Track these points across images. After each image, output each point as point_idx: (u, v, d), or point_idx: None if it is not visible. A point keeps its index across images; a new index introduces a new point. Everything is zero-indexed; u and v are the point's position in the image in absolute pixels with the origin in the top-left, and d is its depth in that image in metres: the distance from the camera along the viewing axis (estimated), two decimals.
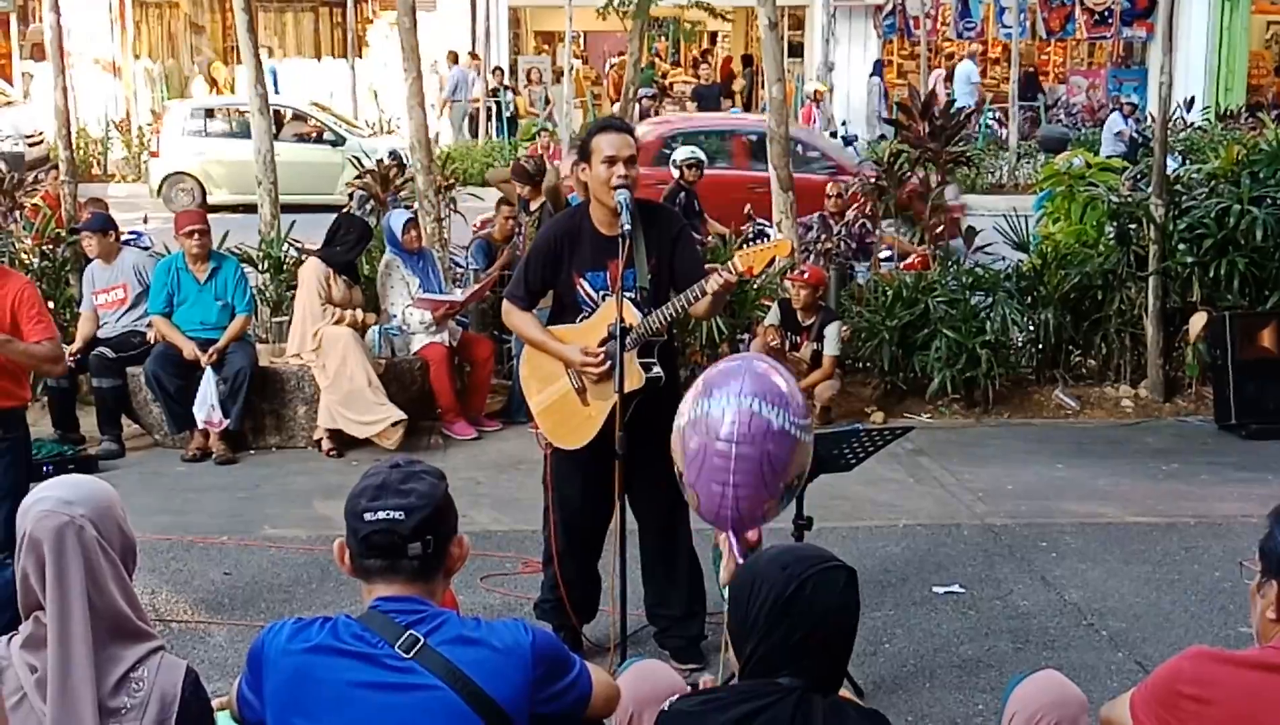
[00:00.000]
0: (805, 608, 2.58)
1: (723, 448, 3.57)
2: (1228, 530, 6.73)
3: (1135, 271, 9.25)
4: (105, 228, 8.74)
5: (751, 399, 3.59)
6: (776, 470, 3.60)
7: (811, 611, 2.58)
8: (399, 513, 2.70)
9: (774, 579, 2.62)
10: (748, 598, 2.64)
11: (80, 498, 2.62)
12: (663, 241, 4.93)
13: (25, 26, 25.41)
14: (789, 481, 3.67)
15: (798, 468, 3.67)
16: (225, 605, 5.86)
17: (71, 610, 2.52)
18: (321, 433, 8.20)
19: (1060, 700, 2.97)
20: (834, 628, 2.62)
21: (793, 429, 3.60)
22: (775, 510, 3.74)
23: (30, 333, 5.14)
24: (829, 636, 2.62)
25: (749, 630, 2.63)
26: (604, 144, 4.79)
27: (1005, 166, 20.61)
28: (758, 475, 3.59)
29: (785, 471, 3.62)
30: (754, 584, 2.65)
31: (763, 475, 3.60)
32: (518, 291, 5.07)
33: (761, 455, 3.57)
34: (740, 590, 2.69)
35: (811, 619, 2.58)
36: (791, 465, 3.63)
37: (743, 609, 2.65)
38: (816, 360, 8.80)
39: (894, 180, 10.49)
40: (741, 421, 3.57)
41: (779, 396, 3.60)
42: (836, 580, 2.63)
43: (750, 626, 2.63)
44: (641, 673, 3.06)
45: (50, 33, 10.18)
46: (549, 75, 25.01)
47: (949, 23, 26.25)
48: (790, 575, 2.60)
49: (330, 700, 2.66)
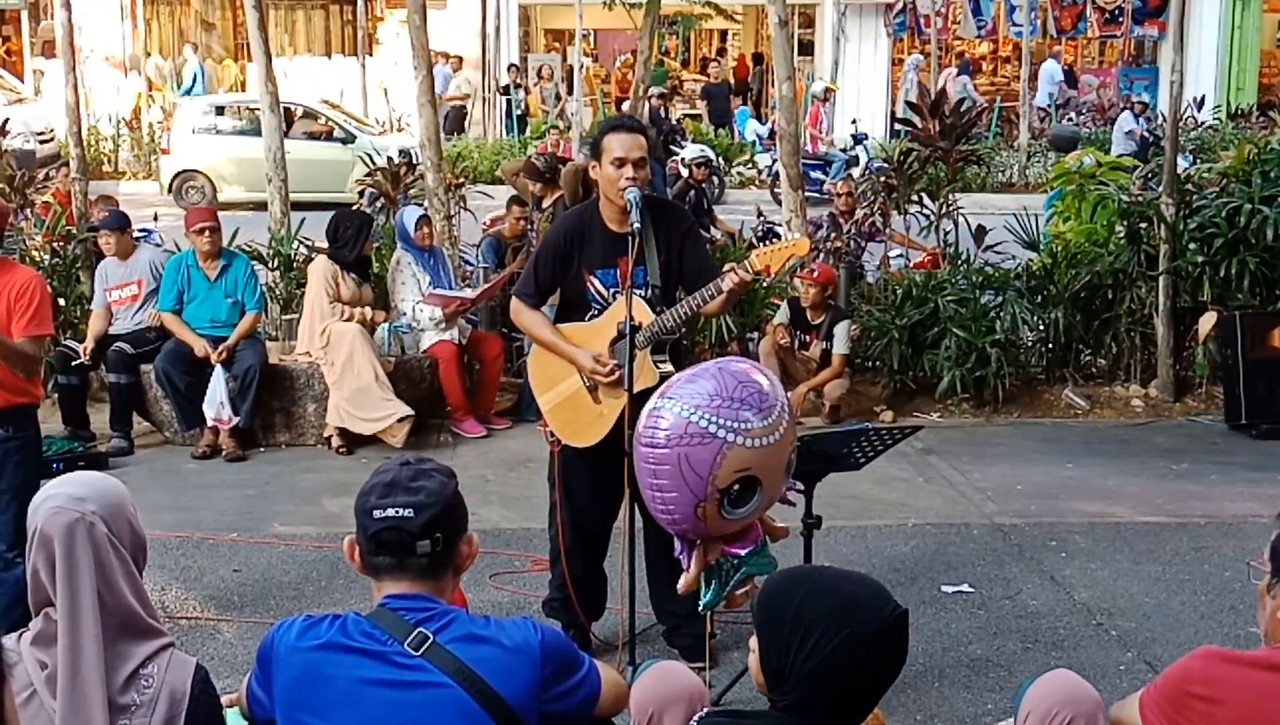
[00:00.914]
0: (862, 674, 2.45)
1: (644, 451, 3.69)
2: (1238, 530, 6.72)
3: (1146, 271, 9.23)
4: (123, 225, 8.77)
5: (682, 402, 3.64)
6: (699, 474, 3.61)
7: (868, 675, 2.46)
8: (408, 510, 2.70)
9: (836, 637, 2.43)
10: (798, 643, 2.45)
11: (91, 494, 2.62)
12: (673, 238, 4.94)
13: (36, 23, 25.43)
14: (723, 485, 3.63)
15: (731, 472, 3.62)
16: (234, 602, 5.87)
17: (82, 607, 2.53)
18: (331, 430, 8.21)
19: (1075, 697, 2.95)
20: (883, 680, 2.51)
21: (721, 432, 3.59)
22: (718, 515, 3.71)
23: (16, 327, 4.89)
24: (877, 688, 2.50)
25: (791, 673, 2.47)
26: (614, 144, 4.80)
27: (1015, 165, 20.58)
28: (677, 477, 3.63)
29: (711, 473, 3.60)
30: (807, 631, 2.45)
31: (683, 476, 3.63)
32: (527, 289, 5.07)
33: (678, 457, 3.61)
34: (785, 627, 2.49)
35: (865, 680, 2.46)
36: (719, 468, 3.60)
37: (788, 650, 2.47)
38: (826, 359, 8.80)
39: (905, 179, 10.48)
40: (661, 424, 3.64)
41: (721, 399, 3.60)
42: (898, 638, 2.48)
43: (794, 670, 2.46)
44: (661, 674, 3.05)
45: (61, 30, 10.20)
46: (559, 73, 25.00)
47: (959, 21, 26.20)
48: (855, 643, 2.42)
49: (339, 697, 2.66)
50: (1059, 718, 2.91)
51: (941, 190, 10.42)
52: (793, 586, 2.56)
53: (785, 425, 3.69)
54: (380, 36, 26.45)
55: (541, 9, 27.35)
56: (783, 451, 3.72)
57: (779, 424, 3.66)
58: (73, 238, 9.76)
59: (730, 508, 3.72)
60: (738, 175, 20.48)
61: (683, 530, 3.85)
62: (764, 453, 3.65)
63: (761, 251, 4.78)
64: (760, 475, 3.69)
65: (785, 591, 2.56)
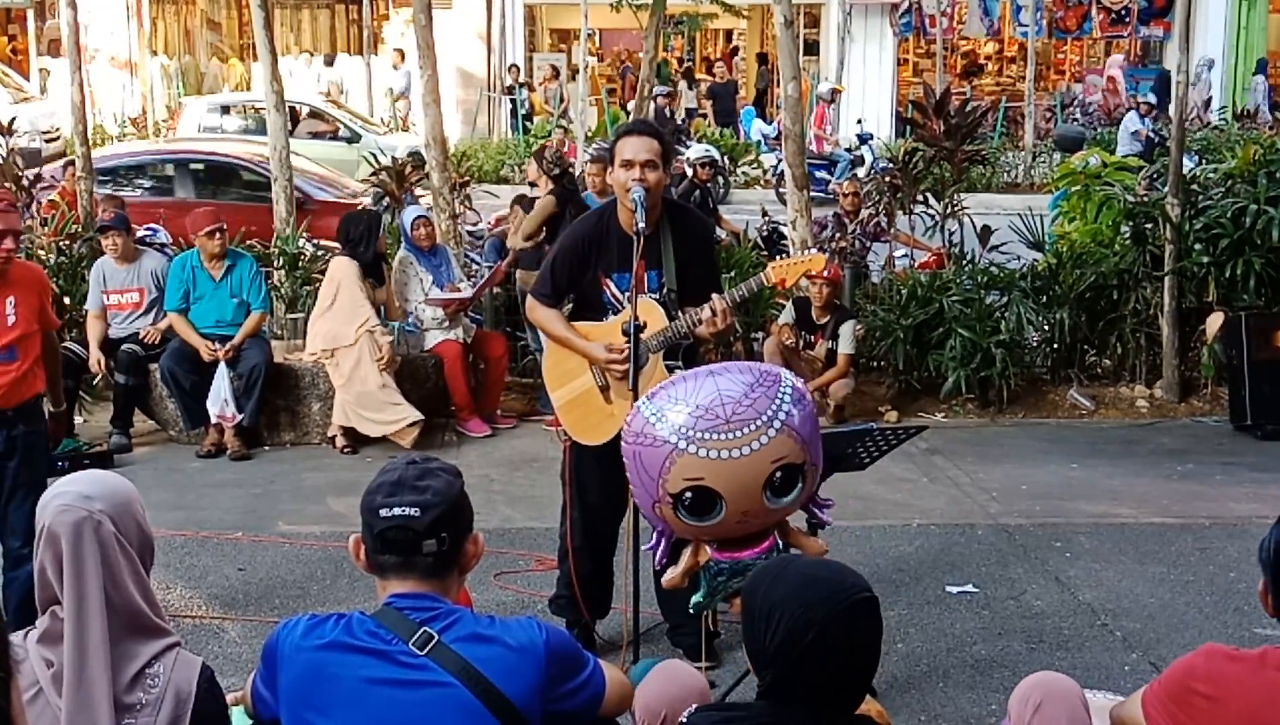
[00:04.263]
0: (824, 651, 2.45)
1: (621, 444, 3.81)
2: (1242, 531, 6.71)
3: (1151, 271, 9.22)
4: (130, 227, 8.77)
5: (655, 403, 3.67)
6: (650, 473, 3.63)
7: (831, 653, 2.46)
8: (414, 509, 2.70)
9: (792, 616, 2.46)
10: (764, 626, 2.50)
11: (100, 493, 2.62)
12: (690, 247, 4.95)
13: (42, 22, 25.48)
14: (674, 490, 3.62)
15: (680, 478, 3.60)
16: (239, 601, 5.88)
17: (88, 605, 2.53)
18: (336, 429, 8.22)
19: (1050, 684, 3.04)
20: (854, 663, 2.51)
21: (674, 437, 3.58)
22: (675, 518, 3.70)
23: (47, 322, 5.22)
24: (849, 670, 2.51)
25: (763, 658, 2.52)
26: (624, 147, 4.83)
27: (1021, 165, 20.56)
28: (634, 473, 3.71)
29: (661, 477, 3.61)
30: (770, 614, 2.49)
31: (638, 473, 3.69)
32: (544, 290, 5.08)
33: (634, 454, 3.68)
34: (755, 613, 2.54)
35: (831, 660, 2.46)
36: (668, 473, 3.60)
37: (758, 635, 2.52)
38: (831, 359, 8.80)
39: (910, 179, 10.48)
40: (633, 420, 3.72)
41: (688, 406, 3.60)
42: (857, 617, 2.48)
43: (764, 655, 2.51)
44: (669, 673, 3.05)
45: (67, 29, 10.23)
46: (564, 73, 25.01)
47: (964, 21, 26.18)
48: (810, 620, 2.44)
49: (344, 696, 2.67)
50: (1031, 701, 2.98)
51: (946, 190, 10.41)
52: (764, 574, 2.62)
53: (763, 442, 3.59)
54: (385, 36, 26.47)
55: (547, 9, 27.34)
56: (752, 468, 3.61)
57: (751, 440, 3.58)
58: (78, 237, 9.76)
59: (686, 514, 3.69)
60: (743, 175, 20.49)
61: (661, 527, 3.88)
62: (721, 465, 3.59)
63: (777, 265, 4.81)
64: (719, 488, 3.63)
65: (758, 579, 2.62)
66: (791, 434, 3.64)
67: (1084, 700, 3.01)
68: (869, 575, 2.73)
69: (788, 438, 3.64)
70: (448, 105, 18.16)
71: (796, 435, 3.66)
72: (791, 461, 3.68)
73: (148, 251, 8.93)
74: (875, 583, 2.71)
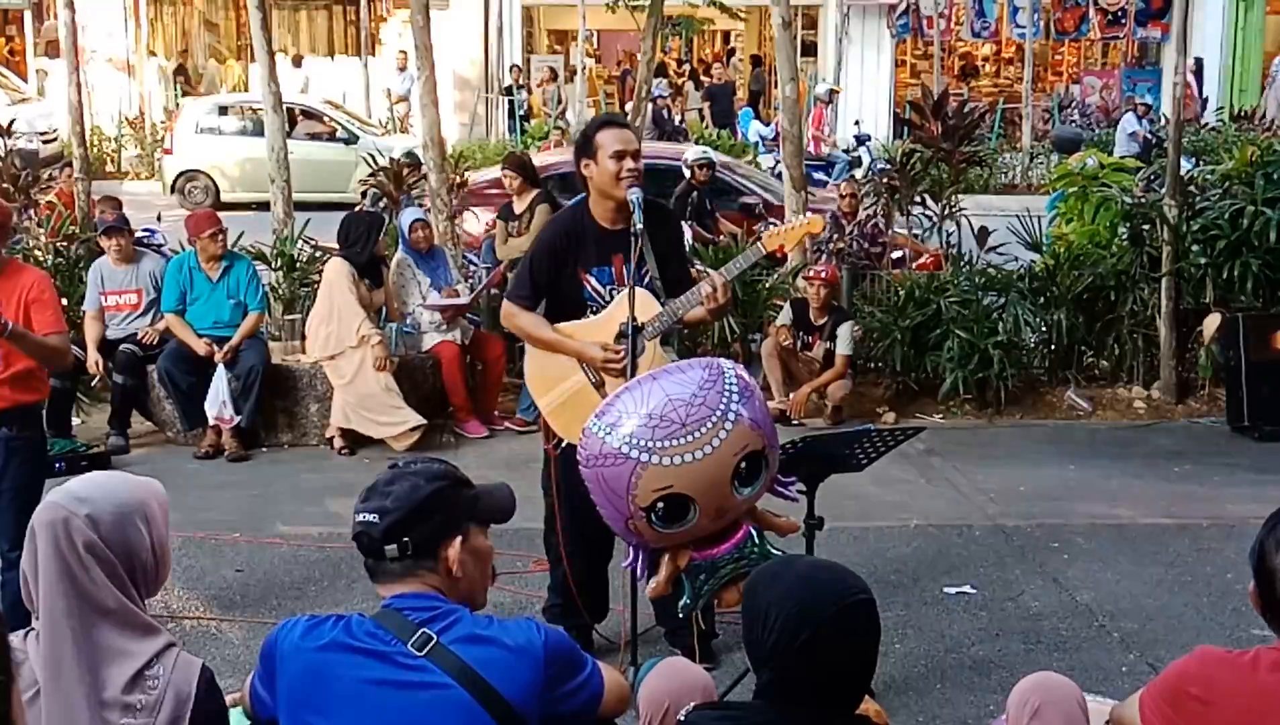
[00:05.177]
0: (820, 651, 2.45)
1: (580, 469, 3.73)
2: (1240, 532, 6.70)
3: (1148, 272, 9.23)
4: (130, 229, 8.76)
5: (603, 421, 3.62)
6: (618, 493, 3.59)
7: (828, 653, 2.46)
8: (374, 515, 2.72)
9: (788, 616, 2.46)
10: (762, 625, 2.50)
11: (99, 496, 2.59)
12: (665, 237, 4.98)
13: (40, 23, 25.46)
14: (644, 504, 3.60)
15: (650, 491, 3.58)
16: (237, 603, 5.88)
17: (53, 604, 2.52)
18: (334, 431, 8.22)
19: (1049, 686, 3.05)
20: (852, 664, 2.51)
21: (635, 452, 3.55)
22: (651, 530, 3.68)
23: (40, 325, 5.01)
24: (846, 671, 2.51)
25: (760, 656, 2.53)
26: (610, 139, 4.81)
27: (1018, 167, 20.56)
28: (601, 496, 3.67)
29: (630, 493, 3.58)
30: (767, 613, 2.50)
31: (605, 495, 3.64)
32: (523, 291, 5.02)
33: (596, 477, 3.63)
34: (753, 612, 2.54)
35: (828, 660, 2.46)
36: (636, 488, 3.57)
37: (756, 634, 2.52)
38: (829, 360, 8.81)
39: (907, 180, 10.49)
40: (586, 443, 3.66)
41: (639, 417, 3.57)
42: (854, 618, 2.48)
43: (762, 653, 2.52)
44: (671, 670, 3.05)
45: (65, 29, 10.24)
46: (562, 74, 25.01)
47: (962, 22, 26.19)
48: (806, 620, 2.44)
49: (343, 697, 2.67)
50: (1030, 704, 2.98)
51: (944, 191, 10.42)
52: (764, 573, 2.64)
53: (722, 437, 3.58)
54: (383, 37, 26.45)
55: (544, 10, 27.34)
56: (717, 465, 3.60)
57: (710, 438, 3.57)
58: (76, 238, 9.75)
59: (661, 523, 3.67)
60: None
61: (636, 542, 3.85)
62: (687, 469, 3.58)
63: (772, 232, 4.76)
64: (689, 492, 3.61)
65: (758, 578, 2.64)
66: (746, 422, 3.64)
67: (1082, 703, 3.02)
68: (866, 576, 2.73)
69: (745, 427, 3.64)
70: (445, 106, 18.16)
71: (751, 422, 3.66)
72: (753, 449, 3.69)
73: (146, 252, 8.94)
74: (873, 583, 2.71)
